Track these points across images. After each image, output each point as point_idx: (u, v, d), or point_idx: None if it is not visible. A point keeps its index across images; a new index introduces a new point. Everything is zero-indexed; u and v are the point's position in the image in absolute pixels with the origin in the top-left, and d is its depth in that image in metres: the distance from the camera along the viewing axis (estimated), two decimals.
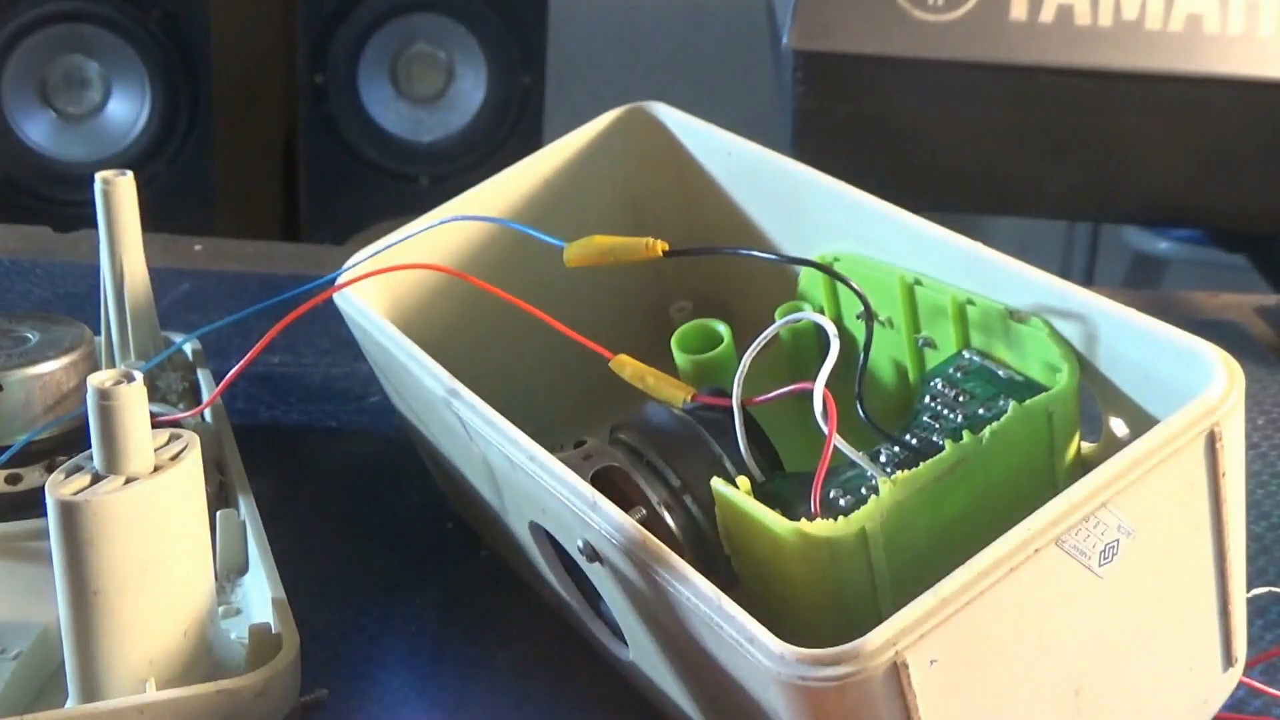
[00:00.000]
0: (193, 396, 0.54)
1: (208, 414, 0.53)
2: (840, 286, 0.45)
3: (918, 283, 0.43)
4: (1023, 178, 0.89)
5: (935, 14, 0.83)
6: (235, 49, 1.81)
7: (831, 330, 0.39)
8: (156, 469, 0.38)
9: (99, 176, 0.53)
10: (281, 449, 0.59)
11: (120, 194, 0.53)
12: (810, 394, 0.38)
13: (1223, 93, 0.82)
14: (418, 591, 0.50)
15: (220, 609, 0.43)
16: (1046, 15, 0.83)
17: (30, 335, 0.48)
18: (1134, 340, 0.38)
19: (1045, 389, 0.40)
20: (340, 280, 0.48)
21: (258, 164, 1.92)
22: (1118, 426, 0.41)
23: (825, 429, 0.37)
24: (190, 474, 0.38)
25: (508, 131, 1.76)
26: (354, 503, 0.56)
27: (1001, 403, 0.40)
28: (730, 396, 0.41)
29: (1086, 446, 0.42)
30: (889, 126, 0.85)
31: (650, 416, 0.43)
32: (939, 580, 0.33)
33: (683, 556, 0.36)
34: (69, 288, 0.73)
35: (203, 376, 0.55)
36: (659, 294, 0.56)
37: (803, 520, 0.36)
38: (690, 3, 2.04)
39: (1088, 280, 2.12)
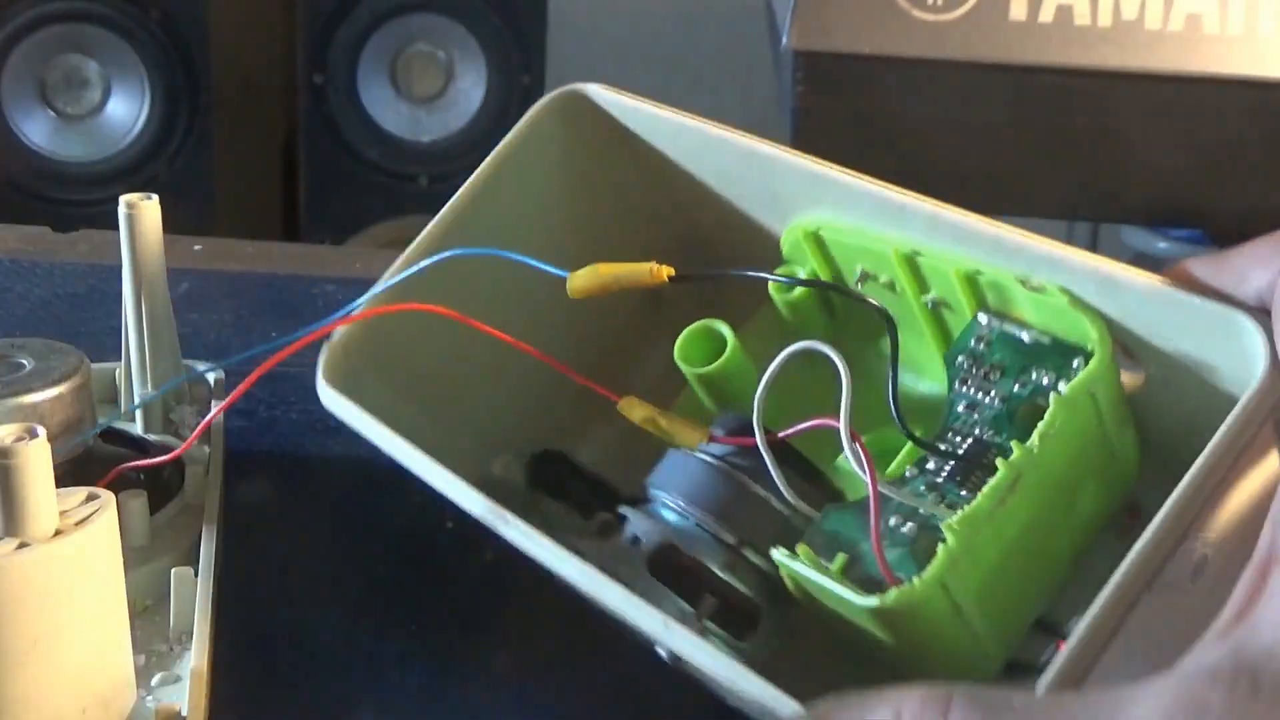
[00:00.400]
0: (206, 431, 0.53)
1: (205, 448, 0.52)
2: (837, 256, 0.43)
3: (916, 254, 0.41)
4: (1023, 178, 0.89)
5: (935, 14, 0.83)
6: (235, 49, 1.81)
7: (844, 369, 0.37)
8: (58, 533, 0.35)
9: (123, 200, 0.50)
10: (281, 449, 0.59)
11: (145, 218, 0.51)
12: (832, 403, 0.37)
13: (1223, 93, 0.82)
14: (416, 591, 0.50)
15: (159, 675, 0.42)
16: (1046, 15, 0.83)
17: (25, 362, 0.47)
18: (1166, 314, 0.36)
19: (1076, 349, 0.37)
20: (335, 321, 0.45)
21: (258, 164, 1.92)
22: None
23: (864, 475, 0.36)
24: (97, 540, 0.36)
25: (507, 131, 1.76)
26: (354, 503, 0.56)
27: (1035, 376, 0.38)
28: (751, 426, 0.38)
29: (1126, 379, 0.39)
30: (889, 126, 0.85)
31: (680, 473, 0.41)
32: (1021, 582, 0.33)
33: (763, 616, 0.36)
34: (69, 288, 0.73)
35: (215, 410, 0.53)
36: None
37: (877, 595, 0.34)
38: (690, 3, 2.04)
39: None
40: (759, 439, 0.38)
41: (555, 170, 0.49)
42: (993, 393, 0.38)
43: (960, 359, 0.39)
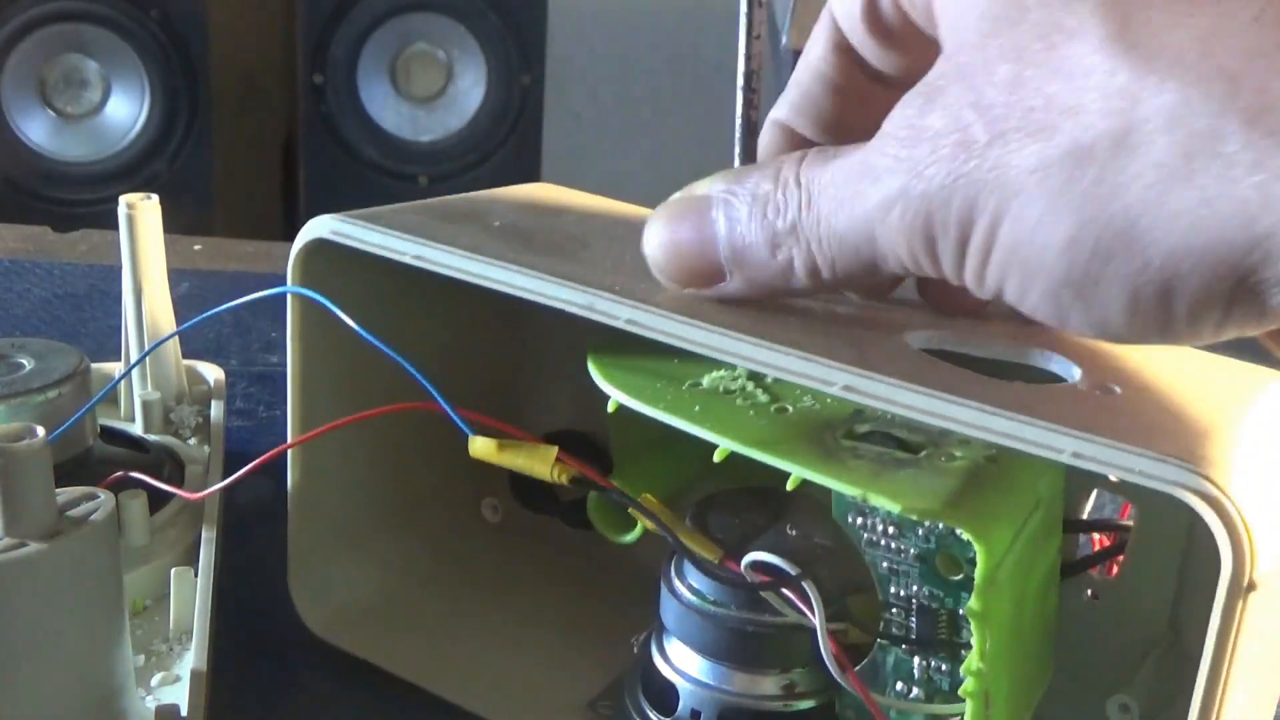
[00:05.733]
0: (206, 431, 0.53)
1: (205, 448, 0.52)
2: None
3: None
4: None
5: None
6: (234, 49, 1.81)
7: (814, 595, 0.34)
8: (58, 533, 0.35)
9: (123, 200, 0.49)
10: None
11: (144, 219, 0.50)
12: None
13: None
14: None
15: (159, 675, 0.42)
16: None
17: (25, 362, 0.47)
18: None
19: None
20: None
21: (257, 164, 1.93)
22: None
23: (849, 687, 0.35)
24: (97, 540, 0.36)
25: (507, 131, 1.76)
26: None
27: (930, 524, 0.34)
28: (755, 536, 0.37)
29: None
30: None
31: (698, 630, 0.39)
32: (1026, 685, 0.33)
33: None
34: (69, 288, 0.73)
35: (215, 409, 0.53)
36: None
37: None
38: (690, 3, 2.04)
39: None
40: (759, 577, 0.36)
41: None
42: (903, 553, 0.35)
43: (850, 518, 0.35)
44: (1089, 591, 0.40)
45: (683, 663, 0.39)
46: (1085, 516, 0.40)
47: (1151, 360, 0.37)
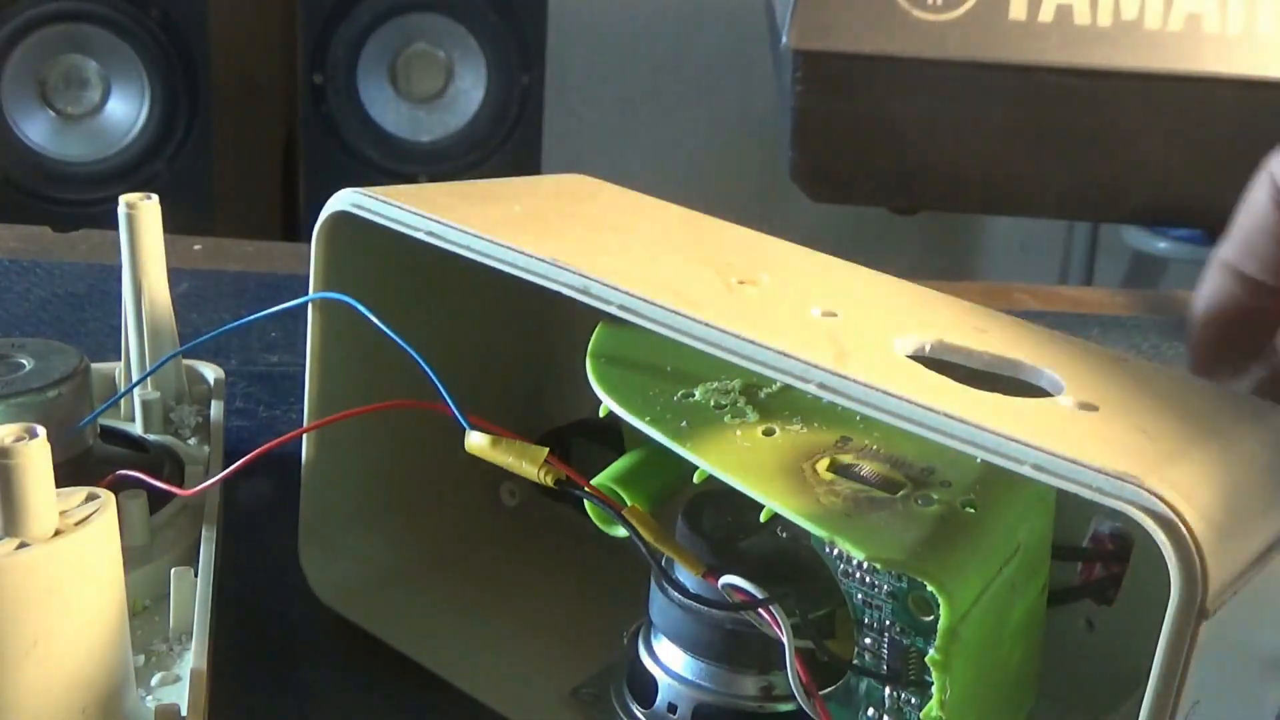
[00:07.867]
0: (206, 431, 0.53)
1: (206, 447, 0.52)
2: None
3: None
4: (1023, 178, 0.89)
5: (935, 14, 0.82)
6: (234, 49, 1.81)
7: (786, 635, 0.34)
8: (58, 533, 0.35)
9: (123, 200, 0.50)
10: (281, 449, 0.59)
11: (144, 218, 0.50)
12: None
13: (1223, 93, 0.82)
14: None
15: (158, 675, 0.42)
16: (1046, 15, 0.83)
17: (25, 362, 0.47)
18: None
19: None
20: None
21: (257, 164, 1.93)
22: None
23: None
24: (97, 540, 0.36)
25: (507, 131, 1.76)
26: None
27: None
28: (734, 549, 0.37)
29: None
30: (889, 126, 0.85)
31: (683, 625, 0.39)
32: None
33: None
34: (69, 288, 0.73)
35: (215, 409, 0.53)
36: None
37: None
38: (690, 3, 2.04)
39: (1087, 280, 2.12)
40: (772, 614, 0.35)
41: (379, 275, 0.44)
42: (876, 587, 0.35)
43: (826, 548, 0.35)
44: (1086, 620, 0.40)
45: (665, 657, 0.39)
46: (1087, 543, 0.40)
47: (1147, 383, 0.36)
